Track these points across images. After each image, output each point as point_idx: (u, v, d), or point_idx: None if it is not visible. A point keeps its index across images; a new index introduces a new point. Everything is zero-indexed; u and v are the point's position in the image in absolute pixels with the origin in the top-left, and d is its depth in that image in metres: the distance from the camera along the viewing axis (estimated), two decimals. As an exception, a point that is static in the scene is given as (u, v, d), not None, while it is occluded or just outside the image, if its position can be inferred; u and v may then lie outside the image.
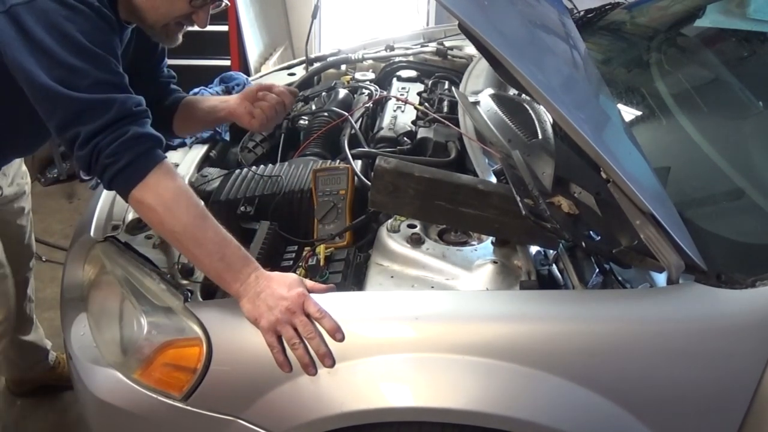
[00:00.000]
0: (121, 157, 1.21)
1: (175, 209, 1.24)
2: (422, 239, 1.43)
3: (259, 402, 1.21)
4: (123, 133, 1.21)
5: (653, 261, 1.20)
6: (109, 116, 1.21)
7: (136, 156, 1.22)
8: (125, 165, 1.21)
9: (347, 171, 1.60)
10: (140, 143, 1.23)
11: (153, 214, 1.25)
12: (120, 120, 1.22)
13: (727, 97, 1.71)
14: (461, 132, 1.72)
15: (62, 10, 1.22)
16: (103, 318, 1.43)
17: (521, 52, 1.22)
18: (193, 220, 1.24)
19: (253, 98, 1.62)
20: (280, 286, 1.22)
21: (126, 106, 1.22)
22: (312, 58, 2.34)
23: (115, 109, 1.21)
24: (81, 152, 1.23)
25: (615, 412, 1.17)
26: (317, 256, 1.41)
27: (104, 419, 1.38)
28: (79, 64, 1.21)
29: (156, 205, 1.24)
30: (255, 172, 1.70)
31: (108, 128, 1.21)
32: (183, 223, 1.24)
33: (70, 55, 1.20)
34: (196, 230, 1.24)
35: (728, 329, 1.18)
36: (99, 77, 1.22)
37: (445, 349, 1.17)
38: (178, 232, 1.24)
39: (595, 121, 1.33)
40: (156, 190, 1.23)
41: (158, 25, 1.38)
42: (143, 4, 1.34)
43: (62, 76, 1.20)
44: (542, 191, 1.21)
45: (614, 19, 2.31)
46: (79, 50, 1.21)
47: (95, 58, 1.23)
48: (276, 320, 1.19)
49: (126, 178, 1.23)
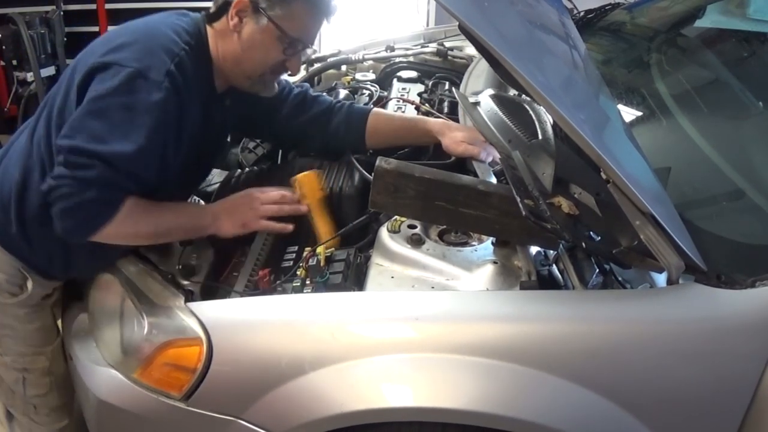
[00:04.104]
0: (75, 215, 1.30)
1: (136, 232, 1.39)
2: (422, 240, 1.43)
3: (260, 402, 1.21)
4: (82, 193, 1.28)
5: (653, 261, 1.20)
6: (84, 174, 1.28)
7: (88, 218, 1.31)
8: (77, 225, 1.31)
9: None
10: (94, 206, 1.30)
11: (121, 242, 1.40)
12: (90, 182, 1.28)
13: (727, 97, 1.71)
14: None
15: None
16: (104, 318, 1.43)
17: (521, 53, 1.22)
18: (153, 223, 1.40)
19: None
20: (234, 198, 1.51)
21: (103, 175, 1.28)
22: (312, 59, 2.34)
23: (92, 172, 1.28)
24: (51, 181, 1.30)
25: (615, 412, 1.17)
26: (317, 257, 1.41)
27: (104, 419, 1.38)
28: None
29: (118, 239, 1.38)
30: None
31: (75, 179, 1.28)
32: (145, 232, 1.40)
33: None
34: (160, 226, 1.41)
35: (728, 329, 1.18)
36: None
37: (446, 349, 1.17)
38: (150, 237, 1.42)
39: (595, 121, 1.33)
40: (115, 234, 1.34)
41: (255, 75, 1.47)
42: (241, 56, 1.43)
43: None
44: (542, 192, 1.21)
45: (614, 19, 2.32)
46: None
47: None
48: (255, 211, 1.47)
49: (78, 234, 1.33)
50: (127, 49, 1.34)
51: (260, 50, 1.42)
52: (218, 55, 1.45)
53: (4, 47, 3.14)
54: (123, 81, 1.29)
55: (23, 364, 1.54)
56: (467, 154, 1.65)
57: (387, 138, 1.75)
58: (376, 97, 2.04)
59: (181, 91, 1.35)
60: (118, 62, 1.31)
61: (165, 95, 1.31)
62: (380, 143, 1.74)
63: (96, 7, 3.53)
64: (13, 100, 3.29)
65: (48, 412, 1.61)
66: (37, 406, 1.59)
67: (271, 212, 1.49)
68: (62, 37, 3.29)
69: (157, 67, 1.32)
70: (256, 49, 1.42)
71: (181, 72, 1.36)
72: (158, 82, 1.31)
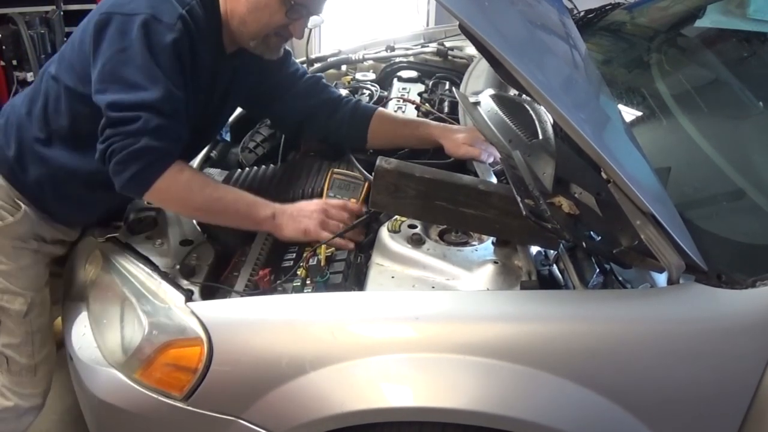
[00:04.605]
0: (128, 166, 1.33)
1: (188, 197, 1.41)
2: (423, 239, 1.43)
3: (260, 402, 1.21)
4: (133, 143, 1.32)
5: (654, 261, 1.20)
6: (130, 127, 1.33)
7: (142, 167, 1.33)
8: (132, 175, 1.34)
9: (364, 183, 1.60)
10: (148, 154, 1.34)
11: (170, 207, 1.50)
12: (137, 132, 1.33)
13: (728, 97, 1.71)
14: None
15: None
16: (104, 318, 1.43)
17: (521, 53, 1.22)
18: (209, 196, 1.42)
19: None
20: (304, 204, 1.49)
21: (149, 124, 1.32)
22: (312, 59, 2.34)
23: (138, 124, 1.33)
24: (100, 145, 1.36)
25: (615, 412, 1.17)
26: (318, 257, 1.41)
27: (105, 419, 1.38)
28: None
29: (169, 202, 1.45)
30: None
31: (123, 134, 1.33)
32: (199, 203, 1.42)
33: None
34: (214, 202, 1.43)
35: (728, 329, 1.18)
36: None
37: (446, 349, 1.17)
38: (199, 210, 1.46)
39: (596, 121, 1.33)
40: (167, 191, 1.39)
41: (260, 36, 1.49)
42: (246, 17, 1.46)
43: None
44: (543, 191, 1.21)
45: (614, 19, 2.31)
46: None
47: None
48: (319, 221, 1.45)
49: (135, 186, 1.37)
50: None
51: (264, 12, 1.45)
52: (227, 12, 1.48)
53: (4, 47, 3.14)
54: (139, 26, 1.35)
55: (1, 300, 1.54)
56: (468, 155, 1.67)
57: (388, 138, 1.76)
58: (376, 97, 2.04)
59: (194, 36, 1.41)
60: (132, 11, 1.37)
61: (178, 36, 1.37)
62: (381, 143, 1.75)
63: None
64: (13, 100, 3.29)
65: (19, 371, 1.60)
66: (10, 360, 1.58)
67: (336, 229, 1.46)
68: (62, 37, 3.29)
69: (169, 12, 1.39)
70: (260, 11, 1.45)
71: (193, 20, 1.41)
72: (171, 24, 1.37)
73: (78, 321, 1.50)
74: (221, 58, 1.53)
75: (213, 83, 1.54)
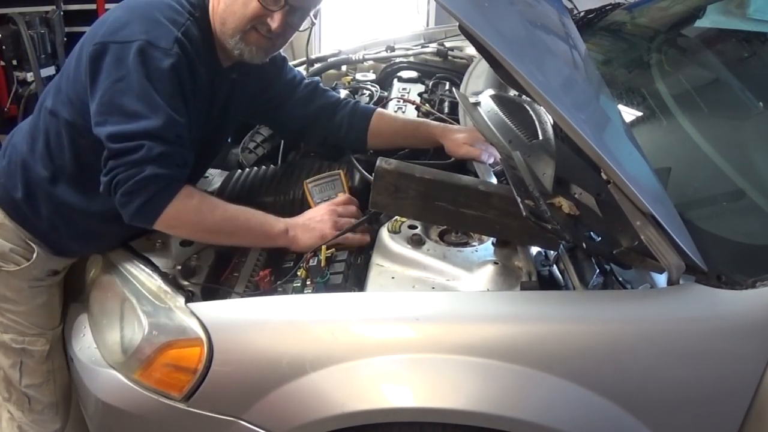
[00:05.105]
0: (135, 197, 1.30)
1: (200, 221, 1.38)
2: (423, 240, 1.43)
3: (260, 403, 1.21)
4: (138, 173, 1.29)
5: (654, 262, 1.20)
6: (133, 157, 1.30)
7: (150, 196, 1.31)
8: (141, 205, 1.31)
9: (340, 175, 1.60)
10: (154, 182, 1.31)
11: (182, 233, 1.44)
12: (141, 162, 1.30)
13: (728, 97, 1.71)
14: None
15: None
16: (104, 319, 1.43)
17: (521, 53, 1.22)
18: (220, 217, 1.40)
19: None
20: (311, 213, 1.50)
21: (152, 152, 1.30)
22: (312, 59, 2.33)
23: (141, 153, 1.29)
24: (104, 177, 1.33)
25: (615, 412, 1.17)
26: (318, 258, 1.41)
27: (105, 420, 1.38)
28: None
29: (181, 228, 1.40)
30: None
31: (127, 164, 1.30)
32: (211, 226, 1.40)
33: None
34: (226, 223, 1.41)
35: (728, 330, 1.18)
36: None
37: (446, 349, 1.17)
38: (212, 232, 1.42)
39: (596, 122, 1.33)
40: (178, 218, 1.36)
41: (238, 32, 1.43)
42: (225, 14, 1.43)
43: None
44: (543, 192, 1.21)
45: (614, 19, 2.31)
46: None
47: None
48: (332, 222, 1.45)
49: (144, 216, 1.34)
50: (133, 25, 1.36)
51: (238, 3, 1.41)
52: (215, 22, 1.46)
53: (4, 47, 3.13)
54: (135, 54, 1.32)
55: (23, 343, 1.54)
56: (469, 156, 1.67)
57: (388, 139, 1.75)
58: (376, 97, 2.04)
59: (192, 58, 1.39)
60: (127, 38, 1.34)
61: (176, 60, 1.35)
62: (381, 144, 1.75)
63: (96, 7, 3.52)
64: (13, 100, 3.28)
65: (41, 409, 1.60)
66: (32, 400, 1.59)
67: (347, 225, 1.47)
68: (62, 37, 3.28)
69: (165, 36, 1.36)
70: (235, 2, 1.42)
71: (189, 41, 1.39)
72: (167, 50, 1.34)
73: (78, 322, 1.51)
74: (218, 73, 1.50)
75: (212, 99, 1.51)
